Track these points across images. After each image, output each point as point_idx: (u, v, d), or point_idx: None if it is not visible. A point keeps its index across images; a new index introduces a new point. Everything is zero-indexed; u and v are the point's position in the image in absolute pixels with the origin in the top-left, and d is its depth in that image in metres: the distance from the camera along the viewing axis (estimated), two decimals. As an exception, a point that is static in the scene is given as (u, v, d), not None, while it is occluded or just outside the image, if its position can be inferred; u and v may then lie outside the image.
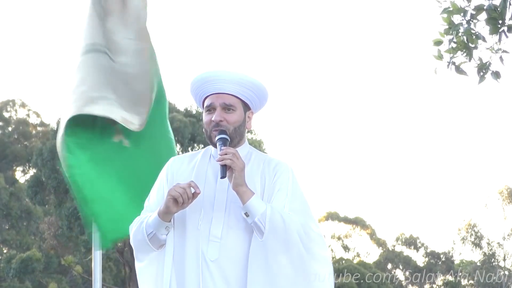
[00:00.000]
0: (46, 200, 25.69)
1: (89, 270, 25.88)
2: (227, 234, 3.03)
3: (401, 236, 42.67)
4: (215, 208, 3.08)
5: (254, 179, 3.11)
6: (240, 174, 2.97)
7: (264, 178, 3.14)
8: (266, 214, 2.97)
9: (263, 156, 3.24)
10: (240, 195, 2.99)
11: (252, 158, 3.19)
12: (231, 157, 2.95)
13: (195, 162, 3.21)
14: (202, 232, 3.04)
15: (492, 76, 5.98)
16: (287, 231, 2.98)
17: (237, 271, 3.00)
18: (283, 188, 3.12)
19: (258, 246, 2.98)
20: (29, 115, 38.00)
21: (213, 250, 3.02)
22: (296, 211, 3.08)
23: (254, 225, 2.98)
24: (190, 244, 3.05)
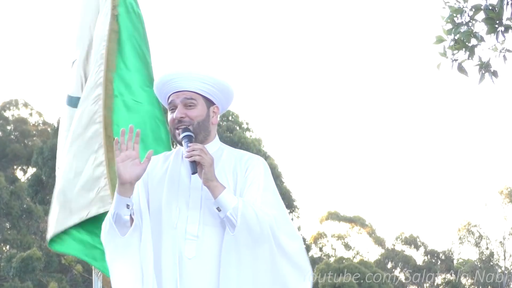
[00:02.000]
0: (46, 199, 25.71)
1: (89, 269, 25.89)
2: (203, 232, 3.04)
3: (401, 235, 42.68)
4: (190, 206, 3.09)
5: (227, 175, 3.14)
6: (209, 169, 2.97)
7: (236, 174, 3.16)
8: (238, 208, 2.98)
9: (235, 152, 3.26)
10: (211, 190, 3.00)
11: (223, 154, 3.21)
12: (199, 152, 2.96)
13: (168, 163, 3.24)
14: (179, 231, 3.05)
15: (489, 75, 6.00)
16: (259, 224, 2.99)
17: (215, 268, 3.01)
18: (255, 182, 3.13)
19: (230, 241, 2.99)
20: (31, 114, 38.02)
21: (190, 248, 3.03)
22: (268, 204, 3.09)
23: (226, 219, 2.99)
24: (167, 243, 3.05)
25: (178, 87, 3.17)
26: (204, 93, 3.18)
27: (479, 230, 40.15)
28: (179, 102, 3.15)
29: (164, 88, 3.21)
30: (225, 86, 3.25)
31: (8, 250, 30.02)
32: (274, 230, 3.03)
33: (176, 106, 3.16)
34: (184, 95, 3.15)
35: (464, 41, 5.83)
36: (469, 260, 40.13)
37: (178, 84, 3.16)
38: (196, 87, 3.16)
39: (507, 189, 39.62)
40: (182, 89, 3.16)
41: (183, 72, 3.17)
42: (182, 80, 3.16)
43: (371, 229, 43.30)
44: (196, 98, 3.16)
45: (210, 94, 3.19)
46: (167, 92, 3.20)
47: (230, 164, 3.18)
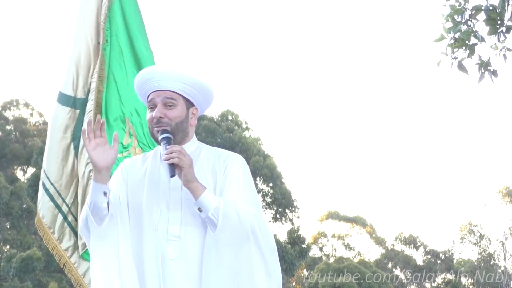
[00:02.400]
0: (46, 199, 25.67)
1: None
2: (185, 232, 3.04)
3: (400, 235, 42.68)
4: (170, 207, 3.08)
5: (206, 174, 3.13)
6: (189, 170, 2.96)
7: (215, 173, 3.15)
8: (219, 208, 2.97)
9: (213, 150, 3.25)
10: (192, 191, 2.99)
11: (201, 154, 3.20)
12: (177, 155, 2.95)
13: (147, 163, 3.22)
14: (160, 232, 3.04)
15: (489, 74, 6.00)
16: (240, 224, 2.99)
17: (197, 268, 3.00)
18: (235, 180, 3.13)
19: (212, 241, 2.98)
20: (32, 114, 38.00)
21: (173, 249, 3.02)
22: (248, 203, 3.09)
23: (208, 219, 2.98)
24: (148, 245, 3.04)
25: (158, 86, 3.14)
26: (185, 94, 3.16)
27: (480, 230, 40.17)
28: (159, 101, 3.12)
29: (145, 86, 3.18)
30: (205, 88, 3.22)
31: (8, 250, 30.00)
32: (255, 230, 3.03)
33: (156, 105, 3.13)
34: (165, 94, 3.13)
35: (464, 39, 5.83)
36: (469, 260, 40.14)
37: (159, 83, 3.13)
38: (177, 87, 3.14)
39: (506, 188, 39.65)
40: (162, 88, 3.13)
41: (164, 71, 3.15)
42: (163, 79, 3.13)
43: (372, 229, 43.31)
44: (176, 98, 3.14)
45: (191, 95, 3.17)
46: (147, 90, 3.18)
47: (209, 163, 3.16)
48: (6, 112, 37.51)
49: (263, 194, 28.46)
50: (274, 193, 28.16)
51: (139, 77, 3.21)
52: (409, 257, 41.43)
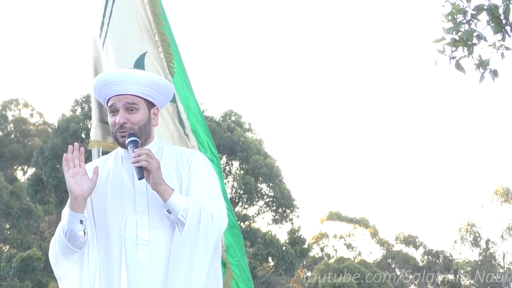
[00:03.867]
0: (46, 199, 25.68)
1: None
2: (154, 236, 3.02)
3: (400, 235, 42.66)
4: (137, 211, 3.05)
5: (170, 174, 3.11)
6: (157, 173, 2.94)
7: (180, 172, 3.14)
8: (188, 209, 2.96)
9: (174, 149, 3.23)
10: (160, 193, 2.97)
11: (164, 154, 3.18)
12: (145, 158, 2.92)
13: (109, 167, 3.18)
14: (128, 237, 3.01)
15: (490, 74, 5.97)
16: (202, 225, 2.98)
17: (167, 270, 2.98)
18: (200, 179, 3.11)
19: (179, 242, 2.96)
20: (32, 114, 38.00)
21: (143, 253, 3.00)
22: (214, 200, 3.08)
23: (178, 221, 2.97)
24: (114, 250, 3.02)
25: (119, 91, 3.10)
26: (146, 96, 3.13)
27: (478, 230, 40.17)
28: (120, 106, 3.09)
29: (104, 90, 3.14)
30: (164, 87, 3.19)
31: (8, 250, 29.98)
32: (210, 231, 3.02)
33: (117, 110, 3.09)
34: (126, 99, 3.09)
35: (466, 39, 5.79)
36: (469, 260, 40.13)
37: (119, 87, 3.10)
38: (138, 90, 3.10)
39: (503, 188, 39.66)
40: (123, 93, 3.09)
41: (123, 76, 3.11)
42: (122, 83, 3.09)
43: (374, 230, 43.30)
44: (137, 102, 3.10)
45: (151, 96, 3.15)
46: (108, 95, 3.14)
47: (172, 163, 3.15)
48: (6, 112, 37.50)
49: (263, 194, 28.43)
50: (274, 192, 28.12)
51: (98, 80, 3.16)
52: (408, 256, 41.41)
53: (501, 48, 6.05)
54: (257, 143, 28.39)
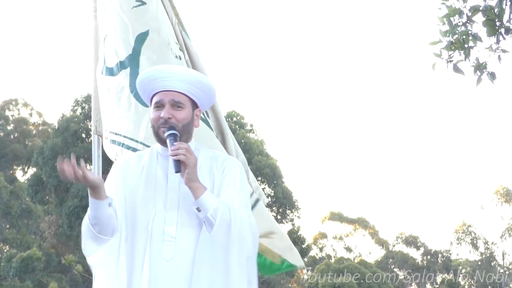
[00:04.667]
0: (46, 199, 25.68)
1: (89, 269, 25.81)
2: (180, 233, 3.02)
3: (401, 235, 42.65)
4: (167, 207, 3.06)
5: (203, 175, 3.11)
6: (193, 169, 2.96)
7: (213, 174, 3.14)
8: (219, 209, 2.96)
9: (209, 152, 3.24)
10: (193, 190, 2.97)
11: (199, 155, 3.18)
12: (184, 152, 2.94)
13: (143, 163, 3.20)
14: (155, 232, 3.02)
15: (488, 77, 5.97)
16: (234, 228, 2.98)
17: (191, 269, 2.98)
18: (232, 183, 3.12)
19: (206, 241, 2.97)
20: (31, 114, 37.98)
21: (168, 249, 3.01)
22: (245, 206, 3.10)
23: (206, 220, 2.97)
24: (139, 244, 3.03)
25: (167, 86, 3.12)
26: (192, 96, 3.16)
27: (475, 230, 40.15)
28: (167, 102, 3.11)
29: (151, 85, 3.16)
30: (211, 91, 3.22)
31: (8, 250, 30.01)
32: (254, 234, 3.04)
33: (163, 105, 3.11)
34: (173, 96, 3.11)
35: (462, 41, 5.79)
36: (469, 260, 40.12)
37: (167, 83, 3.12)
38: (185, 88, 3.13)
39: (503, 188, 39.64)
40: (171, 89, 3.12)
41: (174, 72, 3.14)
42: (172, 80, 3.12)
43: (374, 231, 43.28)
44: (184, 100, 3.13)
45: (197, 97, 3.17)
46: (154, 90, 3.16)
47: (207, 165, 3.15)
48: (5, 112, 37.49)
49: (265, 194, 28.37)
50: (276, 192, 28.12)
51: (146, 74, 3.18)
52: (408, 256, 41.39)
53: (498, 51, 6.05)
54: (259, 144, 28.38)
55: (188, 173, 2.95)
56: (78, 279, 29.37)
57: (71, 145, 23.88)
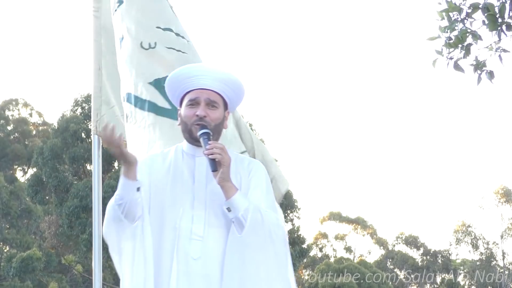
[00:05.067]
0: (46, 199, 25.69)
1: (89, 269, 25.87)
2: (208, 232, 3.03)
3: (401, 235, 42.67)
4: (195, 206, 3.06)
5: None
6: (227, 169, 2.97)
7: (240, 176, 3.14)
8: (249, 210, 2.97)
9: (234, 154, 3.21)
10: (225, 190, 2.98)
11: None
12: (220, 151, 2.95)
13: (169, 161, 3.19)
14: (182, 231, 3.02)
15: (486, 75, 5.97)
16: (265, 229, 2.99)
17: (219, 268, 2.99)
18: (259, 186, 3.13)
19: (236, 242, 2.98)
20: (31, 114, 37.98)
21: (195, 248, 3.01)
22: (272, 208, 3.11)
23: (236, 220, 2.98)
24: (167, 242, 3.03)
25: (203, 85, 3.13)
26: (225, 96, 3.17)
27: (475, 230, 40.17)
28: (202, 100, 3.11)
29: (185, 83, 3.16)
30: (242, 93, 3.25)
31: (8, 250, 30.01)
32: (278, 237, 3.04)
33: (199, 103, 3.10)
34: (208, 94, 3.12)
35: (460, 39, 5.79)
36: (469, 260, 40.13)
37: (204, 81, 3.13)
38: (220, 88, 3.14)
39: (503, 188, 39.64)
40: (207, 88, 3.13)
41: (210, 71, 3.15)
42: (208, 78, 3.13)
43: (373, 230, 43.29)
44: (218, 100, 3.14)
45: (229, 98, 3.19)
46: (187, 88, 3.16)
47: (232, 167, 3.10)
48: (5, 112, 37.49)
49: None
50: (275, 193, 28.11)
51: (181, 71, 3.19)
52: (408, 256, 41.40)
53: (499, 50, 6.04)
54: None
55: (222, 173, 2.96)
56: (78, 279, 29.38)
57: (71, 145, 23.87)
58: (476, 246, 39.95)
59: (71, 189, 23.17)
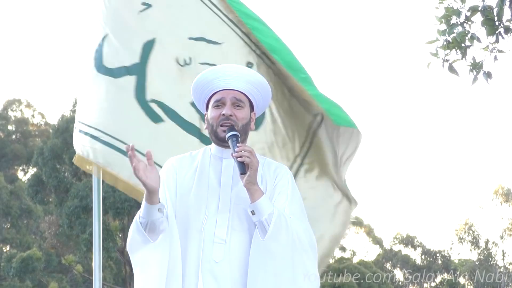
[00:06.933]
0: (47, 199, 25.71)
1: (89, 269, 25.86)
2: (231, 236, 3.02)
3: (398, 235, 42.66)
4: (219, 210, 3.05)
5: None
6: (255, 172, 2.94)
7: (266, 181, 3.13)
8: (273, 215, 2.95)
9: (261, 158, 3.19)
10: (251, 193, 2.97)
11: None
12: (249, 154, 2.92)
13: (197, 163, 3.18)
14: (206, 234, 3.02)
15: (483, 76, 5.99)
16: (288, 235, 2.97)
17: (241, 272, 2.99)
18: (284, 191, 3.11)
19: (259, 246, 2.96)
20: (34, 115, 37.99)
21: (218, 251, 3.00)
22: (296, 215, 3.08)
23: (259, 224, 2.96)
24: (193, 245, 3.02)
25: (228, 85, 3.12)
26: (251, 96, 3.15)
27: (477, 230, 40.17)
28: (228, 100, 3.10)
29: (210, 85, 3.14)
30: (268, 94, 3.22)
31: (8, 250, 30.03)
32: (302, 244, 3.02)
33: (224, 104, 3.10)
34: (234, 94, 3.11)
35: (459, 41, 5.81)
36: (469, 260, 40.14)
37: (228, 82, 3.12)
38: (246, 88, 3.14)
39: (503, 188, 39.66)
40: (232, 88, 3.12)
41: (235, 71, 3.15)
42: (232, 79, 3.12)
43: (369, 229, 43.30)
44: (244, 100, 3.13)
45: (255, 98, 3.17)
46: (213, 89, 3.13)
47: (259, 171, 3.09)
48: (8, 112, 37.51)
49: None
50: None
51: (205, 75, 3.16)
52: (407, 257, 41.41)
53: (494, 51, 6.07)
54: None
55: (249, 176, 2.94)
56: (78, 279, 29.38)
57: (71, 145, 23.78)
58: (476, 246, 39.96)
59: (71, 189, 23.18)
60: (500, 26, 5.90)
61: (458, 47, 5.86)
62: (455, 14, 5.84)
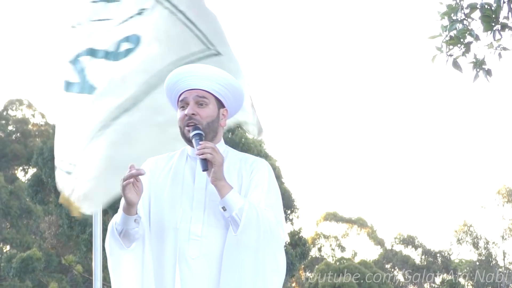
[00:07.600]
0: (46, 199, 25.73)
1: (89, 269, 25.90)
2: (207, 233, 3.04)
3: (399, 235, 42.69)
4: (194, 207, 3.08)
5: (231, 176, 3.11)
6: (219, 168, 2.96)
7: (242, 176, 3.15)
8: (244, 209, 2.97)
9: (239, 154, 3.24)
10: (218, 189, 2.99)
11: (228, 156, 3.19)
12: (210, 151, 2.95)
13: (172, 163, 3.22)
14: (182, 231, 3.05)
15: (483, 73, 6.01)
16: (260, 227, 3.00)
17: (217, 268, 3.01)
18: (260, 184, 3.13)
19: (232, 241, 2.99)
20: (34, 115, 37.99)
21: (194, 248, 3.03)
22: (272, 207, 3.10)
23: (231, 219, 2.98)
24: (169, 243, 3.05)
25: (191, 85, 3.14)
26: (216, 94, 3.16)
27: (477, 230, 40.20)
28: (191, 100, 3.12)
29: (177, 86, 3.17)
30: (236, 90, 3.22)
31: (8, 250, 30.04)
32: (274, 235, 3.04)
33: (188, 103, 3.12)
34: (197, 93, 3.12)
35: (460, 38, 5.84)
36: (469, 260, 40.16)
37: (191, 82, 3.14)
38: (209, 86, 3.14)
39: (506, 188, 39.67)
40: (195, 87, 3.13)
41: (197, 71, 3.17)
42: (195, 78, 3.14)
43: (371, 230, 43.34)
44: (208, 97, 3.13)
45: (222, 95, 3.17)
46: (179, 90, 3.17)
47: (235, 166, 3.16)
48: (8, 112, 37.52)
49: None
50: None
51: (171, 77, 3.20)
52: (407, 257, 41.45)
53: (499, 48, 6.09)
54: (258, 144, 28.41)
55: (214, 172, 2.96)
56: (78, 279, 29.39)
57: (71, 145, 23.87)
58: (476, 246, 39.98)
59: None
60: (497, 23, 5.92)
61: (460, 43, 5.88)
62: (453, 12, 5.87)
